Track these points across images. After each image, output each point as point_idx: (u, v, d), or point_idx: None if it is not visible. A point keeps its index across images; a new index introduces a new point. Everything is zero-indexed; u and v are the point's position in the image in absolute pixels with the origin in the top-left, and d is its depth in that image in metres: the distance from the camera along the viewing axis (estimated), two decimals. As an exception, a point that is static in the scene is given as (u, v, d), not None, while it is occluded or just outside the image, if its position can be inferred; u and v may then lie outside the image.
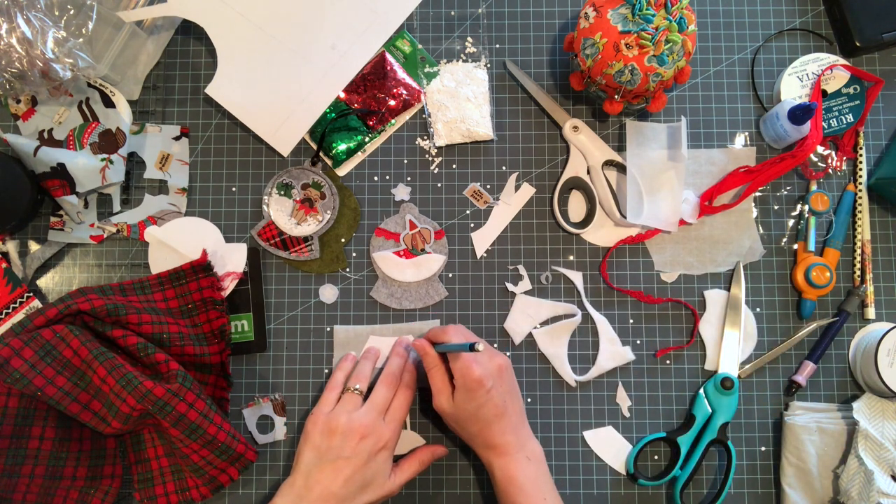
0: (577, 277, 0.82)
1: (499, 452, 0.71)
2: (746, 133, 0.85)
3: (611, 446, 0.80)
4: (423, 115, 0.85)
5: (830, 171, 0.84)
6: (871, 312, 0.81)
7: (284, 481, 0.71)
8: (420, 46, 0.86)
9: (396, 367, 0.76)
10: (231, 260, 0.81)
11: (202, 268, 0.79)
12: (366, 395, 0.75)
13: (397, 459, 0.75)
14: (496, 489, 0.72)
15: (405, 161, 0.84)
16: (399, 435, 0.74)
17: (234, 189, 0.84)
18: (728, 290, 0.82)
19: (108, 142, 0.82)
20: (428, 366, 0.74)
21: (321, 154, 0.84)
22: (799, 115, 0.77)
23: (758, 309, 0.82)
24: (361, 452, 0.70)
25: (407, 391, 0.75)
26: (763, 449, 0.80)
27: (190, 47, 0.86)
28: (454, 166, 0.84)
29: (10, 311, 0.79)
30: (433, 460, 0.77)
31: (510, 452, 0.71)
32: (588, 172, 0.83)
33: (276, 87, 0.83)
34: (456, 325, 0.78)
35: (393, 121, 0.84)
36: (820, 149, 0.84)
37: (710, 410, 0.79)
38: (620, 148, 0.84)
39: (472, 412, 0.70)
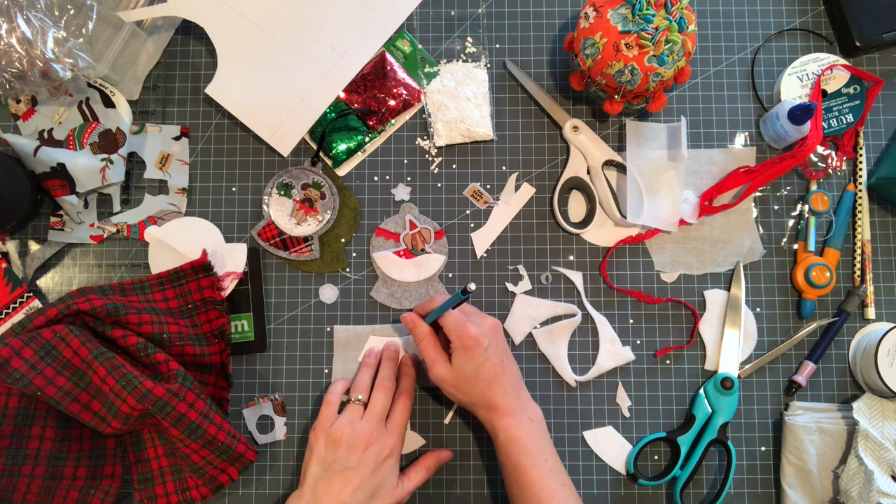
0: (577, 277, 0.82)
1: (501, 413, 0.70)
2: (746, 133, 0.84)
3: (611, 446, 0.80)
4: (423, 115, 0.85)
5: (830, 171, 0.84)
6: (871, 312, 0.81)
7: (291, 494, 0.71)
8: (420, 46, 0.86)
9: (390, 372, 0.76)
10: (231, 260, 0.81)
11: (202, 268, 0.79)
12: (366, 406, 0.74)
13: (402, 465, 0.74)
14: (499, 451, 0.71)
15: (405, 161, 0.84)
16: (403, 442, 0.74)
17: (234, 189, 0.84)
18: (728, 290, 0.82)
19: (108, 142, 0.82)
20: (418, 338, 0.73)
21: (321, 154, 0.84)
22: (799, 115, 0.77)
23: (758, 309, 0.82)
24: (368, 461, 0.69)
25: (405, 397, 0.75)
26: (763, 449, 0.80)
27: (190, 47, 0.86)
28: (454, 166, 0.84)
29: (10, 311, 0.79)
30: (439, 466, 0.77)
31: (512, 413, 0.70)
32: (588, 172, 0.83)
33: (276, 87, 0.83)
34: (441, 293, 0.77)
35: (393, 121, 0.84)
36: (820, 149, 0.84)
37: (710, 410, 0.79)
38: (620, 148, 0.84)
39: (472, 373, 0.70)
